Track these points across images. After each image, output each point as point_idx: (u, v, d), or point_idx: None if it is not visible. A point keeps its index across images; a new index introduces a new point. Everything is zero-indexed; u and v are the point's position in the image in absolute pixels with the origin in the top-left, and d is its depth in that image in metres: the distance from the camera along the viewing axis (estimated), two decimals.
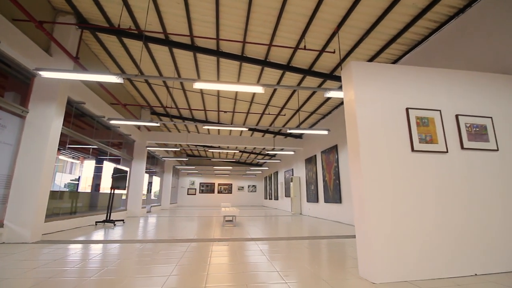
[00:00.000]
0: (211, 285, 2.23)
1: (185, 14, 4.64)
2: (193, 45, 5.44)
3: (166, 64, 6.48)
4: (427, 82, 2.97)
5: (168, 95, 8.33)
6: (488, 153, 2.92)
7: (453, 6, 4.05)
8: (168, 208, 15.23)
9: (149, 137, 10.24)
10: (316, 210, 10.02)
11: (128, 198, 9.47)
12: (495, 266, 2.60)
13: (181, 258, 3.19)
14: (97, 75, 3.76)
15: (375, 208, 2.48)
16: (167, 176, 15.71)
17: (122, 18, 4.87)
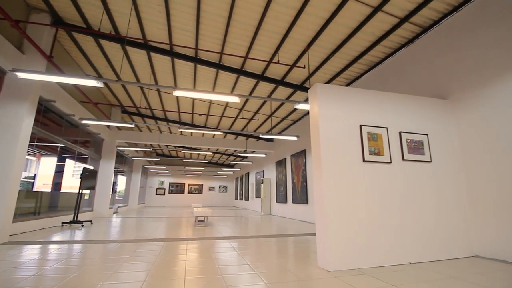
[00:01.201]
0: (190, 277, 2.52)
1: (166, 22, 4.83)
2: (172, 51, 5.62)
3: (142, 66, 6.54)
4: (378, 103, 3.55)
5: (142, 95, 8.31)
6: (423, 163, 3.57)
7: (404, 37, 4.76)
8: (135, 209, 14.86)
9: (120, 136, 10.04)
10: (285, 210, 10.58)
11: (95, 198, 9.21)
12: (426, 255, 3.22)
13: (158, 255, 3.42)
14: (78, 79, 3.82)
15: (332, 208, 2.96)
16: (135, 176, 15.33)
17: (98, 19, 4.90)
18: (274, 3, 4.15)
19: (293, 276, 2.57)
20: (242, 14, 4.45)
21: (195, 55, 5.75)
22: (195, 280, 2.44)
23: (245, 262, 3.13)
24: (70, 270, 2.70)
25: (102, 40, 5.52)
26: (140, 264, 2.99)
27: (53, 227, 6.09)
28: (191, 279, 2.48)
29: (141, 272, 2.68)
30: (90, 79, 3.83)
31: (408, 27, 4.48)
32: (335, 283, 2.38)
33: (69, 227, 6.20)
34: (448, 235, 3.41)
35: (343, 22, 4.47)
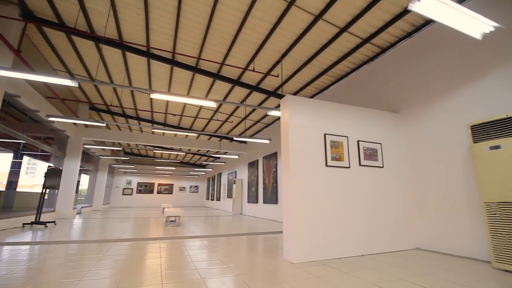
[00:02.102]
0: (167, 272, 2.71)
1: (144, 24, 4.90)
2: (148, 52, 5.66)
3: (116, 64, 6.46)
4: (340, 115, 4.00)
5: (114, 93, 8.13)
6: (377, 168, 4.09)
7: (366, 55, 5.32)
8: (100, 209, 14.25)
9: (87, 134, 9.66)
10: (256, 210, 10.92)
11: (58, 198, 8.77)
12: (376, 248, 3.71)
13: (132, 253, 3.53)
14: (52, 78, 3.77)
15: (298, 207, 3.32)
16: (101, 175, 14.69)
17: (72, 15, 4.81)
18: (251, 16, 4.45)
19: (261, 268, 2.88)
20: (220, 23, 4.68)
21: (172, 57, 5.85)
22: (171, 274, 2.63)
23: (217, 258, 3.38)
24: (41, 271, 2.74)
25: (74, 36, 5.40)
26: (114, 262, 3.10)
27: (12, 228, 5.79)
28: (167, 273, 2.67)
29: (117, 269, 2.80)
30: (65, 78, 3.80)
31: (369, 47, 5.04)
32: (297, 272, 2.73)
33: (30, 228, 5.93)
34: (395, 230, 3.95)
35: (314, 38, 4.90)
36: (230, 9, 4.33)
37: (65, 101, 7.90)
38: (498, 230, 2.85)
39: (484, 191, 3.02)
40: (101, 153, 13.77)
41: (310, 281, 2.45)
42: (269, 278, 2.54)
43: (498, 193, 2.89)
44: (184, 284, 2.33)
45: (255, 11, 4.33)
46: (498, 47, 3.33)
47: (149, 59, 5.99)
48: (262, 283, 2.37)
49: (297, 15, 4.35)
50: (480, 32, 2.70)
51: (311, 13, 4.28)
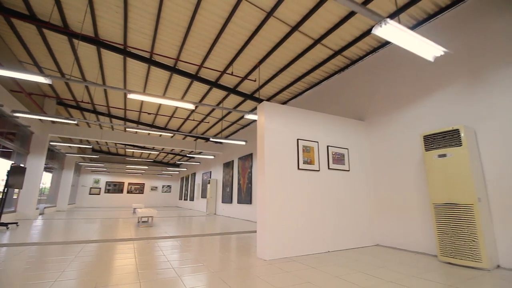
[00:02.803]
0: (143, 271, 2.78)
1: (122, 23, 4.84)
2: (125, 50, 5.58)
3: (89, 60, 6.25)
4: (312, 121, 4.30)
5: (85, 89, 7.82)
6: (344, 172, 4.45)
7: (337, 65, 5.71)
8: (65, 210, 13.49)
9: (53, 130, 9.15)
10: (230, 210, 11.04)
11: (19, 198, 8.22)
12: (341, 245, 4.05)
13: (106, 254, 3.52)
14: (24, 74, 3.63)
15: (271, 207, 3.54)
16: (67, 174, 13.91)
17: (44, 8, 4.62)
18: (232, 23, 4.60)
19: (234, 265, 3.05)
20: (201, 27, 4.77)
21: (150, 57, 5.81)
22: (147, 273, 2.71)
23: (192, 256, 3.49)
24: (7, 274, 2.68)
25: (46, 30, 5.17)
26: (89, 263, 3.09)
27: None
28: (143, 272, 2.74)
29: (92, 270, 2.82)
30: (38, 75, 3.68)
31: (340, 58, 5.43)
32: (269, 268, 2.94)
33: None
34: (358, 228, 4.33)
35: (290, 47, 5.17)
36: (211, 15, 4.45)
37: (31, 96, 7.45)
38: (443, 228, 3.29)
39: (432, 193, 3.46)
40: (68, 150, 13.04)
41: (281, 275, 2.67)
42: (243, 274, 2.72)
43: (444, 195, 3.33)
44: (161, 282, 2.43)
45: (236, 18, 4.49)
46: (447, 68, 3.81)
47: (125, 57, 5.89)
48: (236, 279, 2.54)
49: (275, 25, 4.58)
50: (432, 55, 3.11)
51: (288, 24, 4.53)
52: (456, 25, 3.79)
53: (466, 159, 3.16)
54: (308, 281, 2.48)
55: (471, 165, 3.14)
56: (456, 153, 3.25)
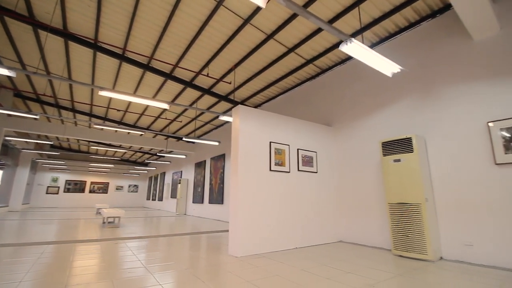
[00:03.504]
0: (114, 270, 2.78)
1: (95, 17, 4.68)
2: (96, 44, 5.39)
3: (55, 52, 5.90)
4: (284, 125, 4.54)
5: (48, 82, 7.33)
6: (312, 173, 4.75)
7: (309, 73, 6.05)
8: (19, 210, 12.40)
9: (9, 124, 8.41)
10: (201, 210, 11.00)
11: None
12: (308, 241, 4.33)
13: (75, 255, 3.42)
14: None
15: (244, 207, 3.70)
16: (21, 171, 12.80)
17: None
18: (209, 26, 4.69)
19: (207, 262, 3.16)
20: (178, 28, 4.79)
21: (122, 53, 5.66)
22: (119, 271, 2.72)
23: (164, 255, 3.53)
24: None
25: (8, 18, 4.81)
26: (56, 263, 3.00)
27: None
28: (115, 271, 2.74)
29: (59, 270, 2.75)
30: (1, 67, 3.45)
31: (312, 67, 5.76)
32: (240, 264, 3.09)
33: None
34: (323, 226, 4.66)
35: (265, 53, 5.39)
36: (189, 17, 4.50)
37: None
38: (396, 225, 3.70)
39: (388, 194, 3.87)
40: (24, 146, 12.02)
41: (251, 270, 2.83)
42: (215, 270, 2.84)
43: (398, 196, 3.74)
44: (133, 280, 2.47)
45: (213, 22, 4.58)
46: (404, 82, 4.28)
47: (95, 51, 5.67)
48: (209, 275, 2.66)
49: (251, 32, 4.75)
50: (390, 71, 3.50)
51: (264, 32, 4.74)
52: (412, 44, 4.27)
53: (417, 164, 3.60)
54: (277, 274, 2.68)
55: (420, 169, 3.58)
56: (408, 159, 3.68)
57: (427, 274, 2.76)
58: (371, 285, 2.38)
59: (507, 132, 3.12)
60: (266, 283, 2.40)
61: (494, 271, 2.84)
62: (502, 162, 3.13)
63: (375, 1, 3.93)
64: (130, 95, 4.54)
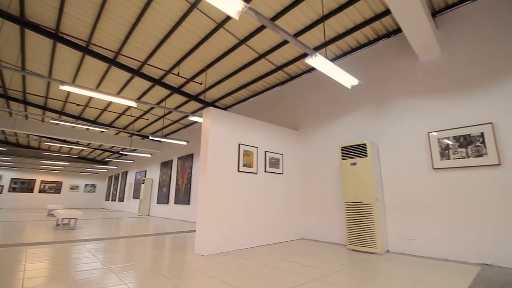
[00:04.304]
0: (76, 271, 2.71)
1: (58, 6, 4.42)
2: (57, 34, 5.07)
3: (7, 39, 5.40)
4: (253, 128, 4.73)
5: None
6: (278, 175, 5.00)
7: (279, 79, 6.32)
8: None
9: None
10: (166, 211, 10.74)
11: None
12: (272, 239, 4.55)
13: (27, 258, 3.22)
14: None
15: (212, 207, 3.79)
16: None
17: None
18: (182, 27, 4.70)
19: (174, 261, 3.20)
20: (150, 25, 4.72)
21: (86, 45, 5.40)
22: (81, 273, 2.66)
23: (129, 256, 3.48)
24: None
25: None
26: (10, 266, 2.82)
27: None
28: (77, 272, 2.67)
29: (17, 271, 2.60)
30: None
31: (281, 73, 6.05)
32: (207, 262, 3.19)
33: None
34: (287, 224, 4.92)
35: (237, 57, 5.53)
36: (162, 16, 4.47)
37: None
38: (351, 222, 4.08)
39: (345, 194, 4.24)
40: None
41: (217, 267, 2.95)
42: (181, 268, 2.90)
43: (353, 195, 4.13)
44: (96, 280, 2.44)
45: (186, 23, 4.61)
46: (361, 94, 4.73)
47: (56, 41, 5.32)
48: (175, 272, 2.72)
49: (224, 36, 4.87)
50: (349, 84, 3.87)
51: (237, 37, 4.88)
52: (370, 60, 4.74)
53: (369, 167, 4.02)
54: (241, 270, 2.83)
55: (372, 172, 4.00)
56: (363, 162, 4.09)
57: (374, 265, 3.12)
58: (325, 275, 2.64)
59: (442, 142, 3.65)
60: (231, 278, 2.54)
61: (430, 261, 3.31)
62: (438, 167, 3.65)
63: (339, 18, 4.30)
64: (94, 91, 4.37)
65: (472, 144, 3.41)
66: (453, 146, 3.55)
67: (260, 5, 4.09)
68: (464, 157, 3.45)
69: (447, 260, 3.38)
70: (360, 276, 2.64)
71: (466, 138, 3.46)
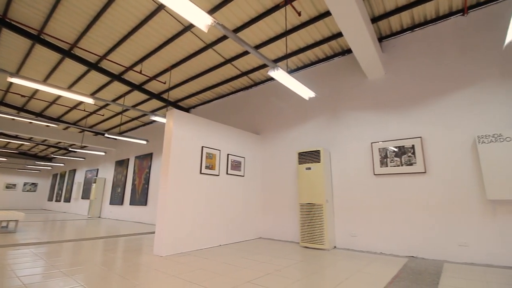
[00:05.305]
0: (25, 276, 2.57)
1: None
2: (3, 19, 4.61)
3: None
4: (216, 131, 4.87)
5: None
6: (239, 177, 5.20)
7: (244, 84, 6.54)
8: None
9: None
10: (120, 212, 10.21)
11: None
12: (231, 239, 4.72)
13: None
14: None
15: (173, 208, 3.84)
16: None
17: None
18: (148, 26, 4.64)
19: (132, 263, 3.19)
20: (113, 20, 4.56)
21: (38, 34, 4.99)
22: (31, 278, 2.54)
23: (83, 258, 3.37)
24: None
25: None
26: None
27: None
28: (27, 277, 2.54)
29: None
30: None
31: (246, 79, 6.27)
32: (166, 262, 3.25)
33: None
34: (246, 224, 5.15)
35: (203, 60, 5.61)
36: (127, 12, 4.37)
37: None
38: (304, 222, 4.45)
39: (300, 196, 4.61)
40: None
41: (177, 266, 3.04)
42: (140, 269, 2.93)
43: (307, 197, 4.51)
44: (51, 285, 2.37)
45: (153, 23, 4.57)
46: (318, 104, 5.18)
47: (1, 27, 4.82)
48: (134, 273, 2.75)
49: (191, 39, 4.92)
50: (307, 96, 4.25)
51: (204, 42, 4.97)
52: (327, 74, 5.21)
53: (321, 172, 4.44)
54: (201, 268, 2.96)
55: (324, 176, 4.42)
56: (316, 167, 4.50)
57: (322, 259, 3.49)
58: (278, 270, 2.91)
59: (382, 151, 4.22)
60: (191, 276, 2.66)
61: (369, 255, 3.80)
62: (378, 173, 4.20)
63: (301, 34, 4.67)
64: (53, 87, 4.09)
65: (405, 154, 4.01)
66: (391, 155, 4.13)
67: (229, 15, 4.26)
68: (398, 165, 4.04)
69: (383, 253, 3.91)
70: (308, 269, 2.96)
71: (401, 149, 4.06)
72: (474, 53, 3.73)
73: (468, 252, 3.35)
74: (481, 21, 3.74)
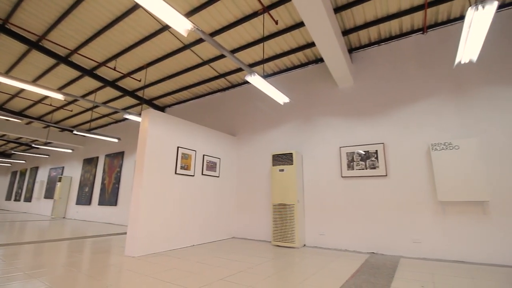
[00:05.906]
0: None
1: None
2: None
3: None
4: (192, 132, 4.90)
5: None
6: (214, 177, 5.27)
7: (221, 85, 6.60)
8: None
9: None
10: (87, 212, 9.76)
11: None
12: (204, 239, 4.78)
13: None
14: None
15: (146, 208, 3.83)
16: None
17: None
18: (124, 22, 4.56)
19: (100, 264, 3.15)
20: (86, 14, 4.42)
21: (3, 24, 4.68)
22: (4, 279, 2.44)
23: (53, 260, 3.25)
24: None
25: None
26: None
27: None
28: None
29: None
30: None
31: (224, 80, 6.35)
32: (138, 262, 3.25)
33: None
34: (220, 224, 5.23)
35: (181, 60, 5.60)
36: (102, 8, 4.26)
37: None
38: (276, 221, 4.64)
39: (273, 197, 4.79)
40: None
41: (150, 266, 3.05)
42: (112, 269, 2.91)
43: (279, 198, 4.70)
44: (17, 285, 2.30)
45: (129, 20, 4.50)
46: (292, 109, 5.40)
47: None
48: (106, 274, 2.73)
49: (169, 38, 4.91)
50: (282, 101, 4.44)
51: (182, 42, 4.98)
52: (301, 80, 5.45)
53: (294, 174, 4.65)
54: (174, 268, 3.01)
55: (296, 178, 4.64)
56: (289, 169, 4.71)
57: (292, 256, 3.69)
58: (251, 267, 3.05)
59: (349, 155, 4.52)
60: (164, 275, 2.70)
61: (335, 252, 4.07)
62: (345, 176, 4.50)
63: (278, 41, 4.85)
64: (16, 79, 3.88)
65: (369, 158, 4.34)
66: (357, 159, 4.45)
67: (208, 18, 4.32)
68: (363, 168, 4.36)
69: (347, 250, 4.21)
70: (278, 266, 3.13)
71: (366, 153, 4.39)
72: (430, 69, 4.15)
73: (421, 248, 3.73)
74: (438, 40, 4.17)
